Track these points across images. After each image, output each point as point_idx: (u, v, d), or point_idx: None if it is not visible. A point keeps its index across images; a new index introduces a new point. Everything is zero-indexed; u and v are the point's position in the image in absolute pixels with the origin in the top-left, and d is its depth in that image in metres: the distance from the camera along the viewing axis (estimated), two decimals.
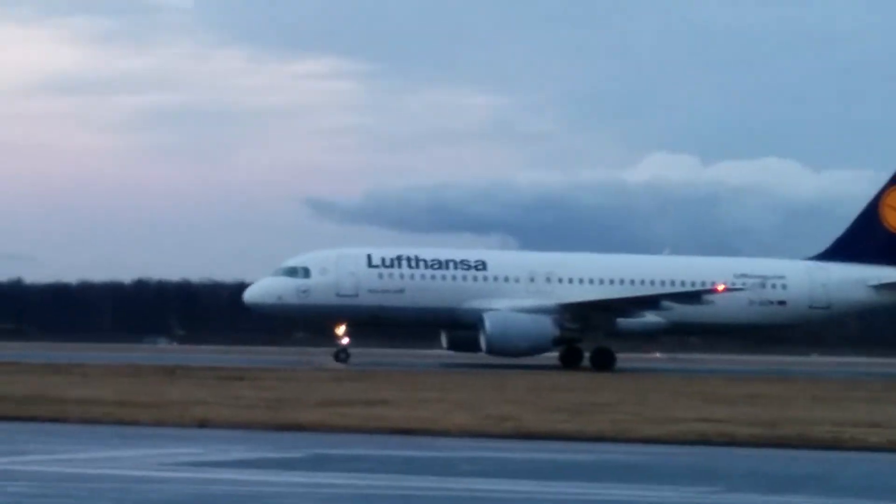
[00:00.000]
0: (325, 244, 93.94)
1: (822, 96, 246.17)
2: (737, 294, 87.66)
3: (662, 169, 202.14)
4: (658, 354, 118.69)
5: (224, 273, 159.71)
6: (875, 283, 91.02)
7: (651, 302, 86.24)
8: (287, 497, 23.30)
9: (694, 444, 34.31)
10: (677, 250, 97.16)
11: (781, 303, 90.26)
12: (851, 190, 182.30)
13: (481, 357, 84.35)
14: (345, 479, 26.05)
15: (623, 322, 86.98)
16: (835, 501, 24.33)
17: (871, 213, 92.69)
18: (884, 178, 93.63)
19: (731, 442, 34.54)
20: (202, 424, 37.22)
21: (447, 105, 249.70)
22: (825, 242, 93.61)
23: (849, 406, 47.01)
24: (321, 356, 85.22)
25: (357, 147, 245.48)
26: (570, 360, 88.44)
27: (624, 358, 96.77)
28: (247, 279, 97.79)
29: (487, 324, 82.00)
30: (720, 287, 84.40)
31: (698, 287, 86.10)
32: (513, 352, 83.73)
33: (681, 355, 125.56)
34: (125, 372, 66.07)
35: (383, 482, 25.84)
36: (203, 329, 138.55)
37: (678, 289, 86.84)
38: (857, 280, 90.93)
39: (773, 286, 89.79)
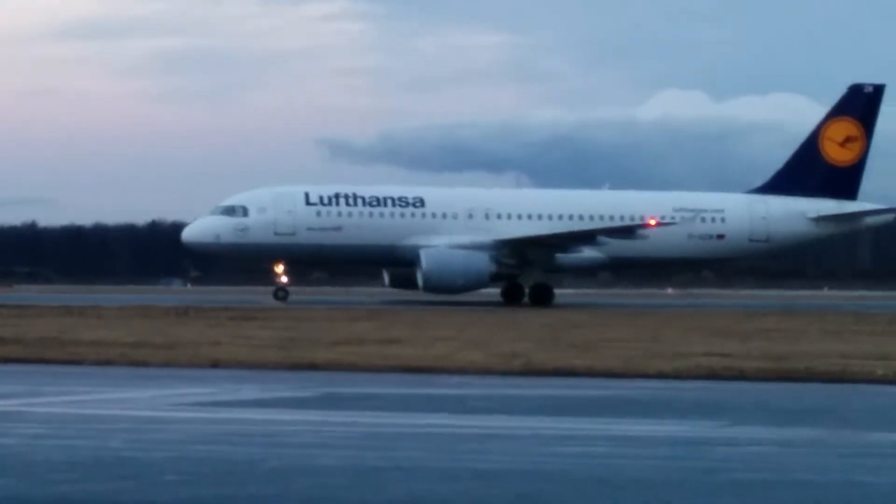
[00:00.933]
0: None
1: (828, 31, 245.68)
2: (676, 228, 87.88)
3: (673, 106, 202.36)
4: (670, 290, 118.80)
5: None
6: (814, 215, 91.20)
7: (587, 237, 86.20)
8: (300, 435, 23.52)
9: (702, 378, 34.49)
10: (690, 186, 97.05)
11: (720, 236, 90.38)
12: None
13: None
14: (358, 418, 26.25)
15: (562, 257, 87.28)
16: (841, 433, 24.50)
17: (810, 146, 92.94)
18: None
19: (740, 376, 34.70)
20: (215, 364, 37.41)
21: (460, 46, 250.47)
22: None
23: (857, 339, 47.13)
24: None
25: (371, 88, 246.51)
26: (511, 296, 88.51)
27: (637, 294, 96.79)
28: None
29: (424, 261, 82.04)
30: (652, 221, 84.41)
31: (635, 222, 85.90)
32: (449, 288, 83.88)
33: (695, 290, 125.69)
34: (139, 313, 66.35)
35: (397, 420, 26.04)
36: (217, 270, 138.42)
37: (615, 224, 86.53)
38: (796, 213, 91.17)
39: (713, 220, 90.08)
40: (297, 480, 18.27)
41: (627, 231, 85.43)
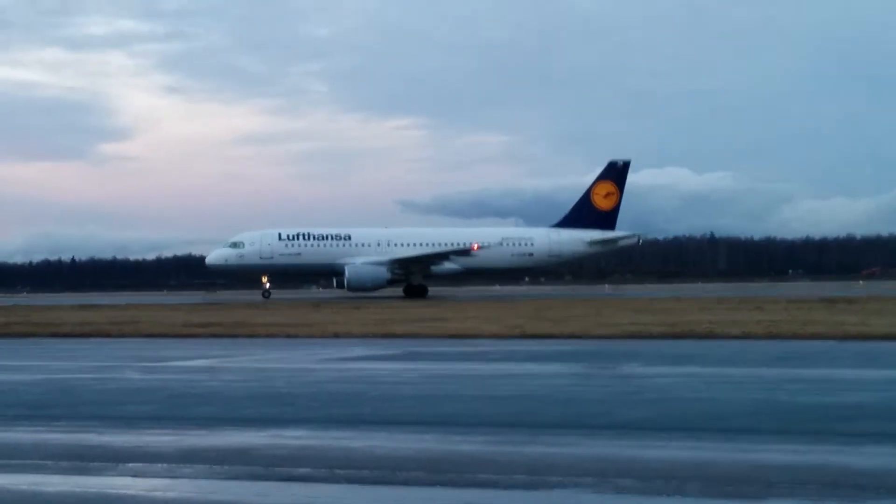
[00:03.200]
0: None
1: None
2: (504, 248, 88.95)
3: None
4: (606, 286, 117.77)
5: None
6: (589, 240, 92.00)
7: (441, 256, 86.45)
8: (391, 376, 23.80)
9: (626, 338, 34.64)
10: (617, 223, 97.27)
11: (531, 254, 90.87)
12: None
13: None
14: (425, 365, 26.60)
15: (434, 268, 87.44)
16: (711, 369, 24.65)
17: (586, 198, 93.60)
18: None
19: (649, 336, 34.85)
20: (336, 335, 37.75)
21: (478, 142, 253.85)
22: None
23: (719, 312, 47.18)
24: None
25: (427, 168, 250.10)
26: (408, 293, 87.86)
27: (590, 287, 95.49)
28: None
29: (346, 272, 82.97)
30: (475, 246, 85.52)
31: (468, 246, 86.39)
32: (362, 288, 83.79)
33: (625, 286, 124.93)
34: (291, 305, 66.65)
35: (448, 366, 26.37)
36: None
37: (457, 248, 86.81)
38: (578, 239, 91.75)
39: (526, 244, 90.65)
40: (388, 404, 18.64)
41: (464, 252, 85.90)
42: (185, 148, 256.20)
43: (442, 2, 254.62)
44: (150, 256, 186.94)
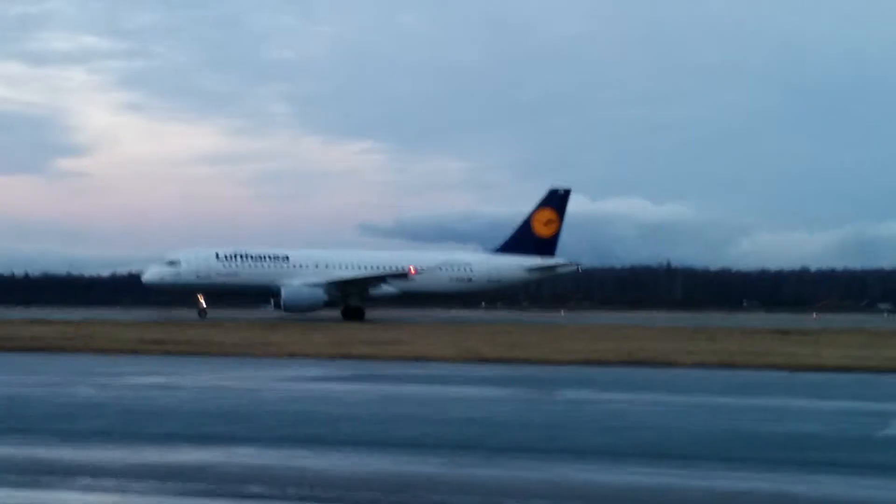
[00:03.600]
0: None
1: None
2: (443, 272, 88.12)
3: (569, 204, 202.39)
4: (562, 312, 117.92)
5: None
6: (528, 266, 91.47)
7: (379, 279, 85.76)
8: (345, 396, 23.71)
9: (583, 364, 34.68)
10: (572, 254, 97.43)
11: (470, 280, 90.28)
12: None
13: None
14: (380, 387, 26.51)
15: (372, 291, 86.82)
16: (666, 397, 24.77)
17: (526, 225, 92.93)
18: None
19: (606, 362, 34.94)
20: (292, 355, 37.57)
21: (440, 168, 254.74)
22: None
23: (674, 341, 47.37)
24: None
25: (388, 192, 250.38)
26: (346, 315, 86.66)
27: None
28: None
29: (283, 293, 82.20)
30: (412, 270, 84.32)
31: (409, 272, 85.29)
32: (298, 309, 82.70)
33: (582, 313, 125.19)
34: (247, 326, 66.33)
35: (404, 389, 26.30)
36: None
37: (394, 272, 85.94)
38: (517, 265, 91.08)
39: (465, 269, 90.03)
40: (343, 425, 18.57)
41: (401, 276, 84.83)
42: (144, 166, 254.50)
43: (408, 27, 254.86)
44: (105, 273, 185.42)
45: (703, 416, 20.61)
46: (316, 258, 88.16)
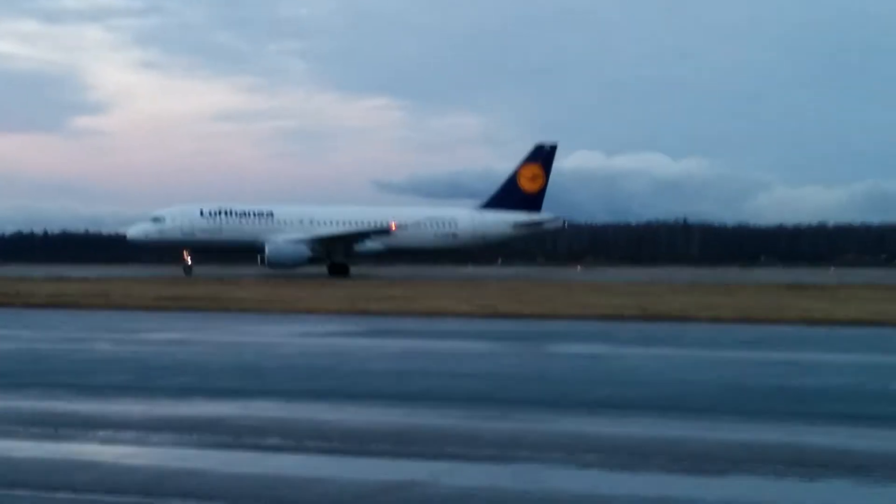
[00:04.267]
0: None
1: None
2: (427, 228, 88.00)
3: (583, 160, 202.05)
4: (578, 268, 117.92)
5: None
6: (513, 222, 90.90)
7: (362, 235, 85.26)
8: (360, 351, 23.86)
9: (598, 319, 34.77)
10: (588, 211, 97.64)
11: (455, 235, 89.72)
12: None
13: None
14: (395, 342, 26.67)
15: (356, 247, 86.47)
16: (680, 351, 24.90)
17: (512, 180, 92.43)
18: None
19: (621, 318, 35.02)
20: (309, 311, 37.75)
21: (454, 124, 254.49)
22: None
23: (690, 296, 47.41)
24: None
25: (403, 149, 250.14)
26: (332, 271, 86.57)
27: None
28: None
29: (266, 249, 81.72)
30: (393, 226, 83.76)
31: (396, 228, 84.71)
32: (282, 265, 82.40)
33: (598, 269, 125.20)
34: (263, 282, 66.57)
35: (419, 343, 26.45)
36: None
37: (376, 228, 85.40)
38: (502, 221, 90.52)
39: (450, 225, 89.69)
40: (358, 379, 18.73)
41: (383, 232, 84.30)
42: (159, 123, 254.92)
43: None
44: (123, 231, 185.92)
45: (718, 369, 20.70)
46: (301, 214, 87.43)
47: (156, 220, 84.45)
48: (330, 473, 10.64)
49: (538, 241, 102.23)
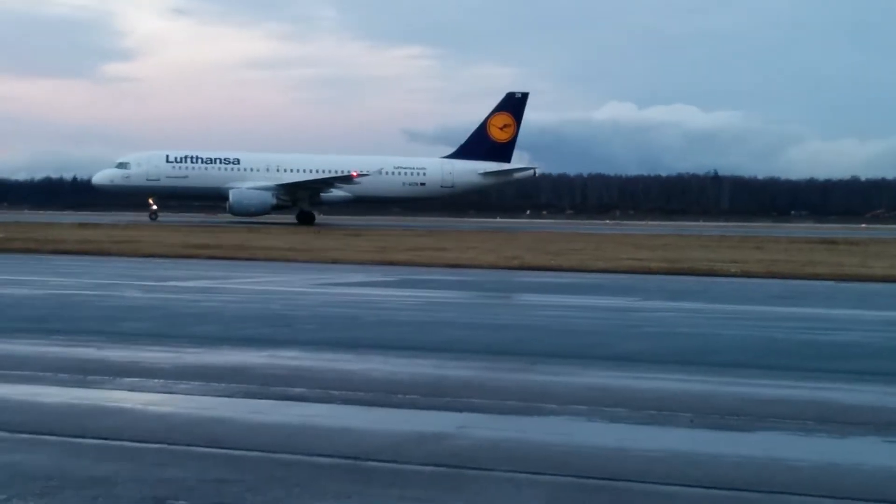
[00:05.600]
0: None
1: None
2: (395, 177, 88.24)
3: (613, 112, 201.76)
4: (607, 221, 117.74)
5: None
6: (483, 171, 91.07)
7: (325, 182, 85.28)
8: (386, 302, 23.93)
9: (626, 273, 34.77)
10: (620, 161, 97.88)
11: (422, 184, 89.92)
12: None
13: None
14: (422, 292, 26.72)
15: (323, 196, 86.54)
16: (709, 306, 24.85)
17: (482, 129, 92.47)
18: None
19: (649, 271, 35.00)
20: (335, 262, 37.87)
21: (485, 75, 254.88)
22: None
23: (719, 250, 47.30)
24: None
25: (433, 99, 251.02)
26: (301, 220, 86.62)
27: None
28: None
29: (230, 196, 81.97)
30: (354, 174, 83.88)
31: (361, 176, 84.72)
32: (245, 213, 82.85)
33: (623, 222, 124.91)
34: (290, 231, 66.76)
35: (445, 294, 26.48)
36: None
37: (339, 175, 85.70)
38: (471, 170, 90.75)
39: (418, 174, 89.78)
40: (385, 329, 18.77)
41: (346, 179, 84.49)
42: (191, 71, 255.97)
43: None
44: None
45: (746, 324, 20.64)
46: (267, 161, 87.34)
47: (121, 165, 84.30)
48: (357, 424, 10.68)
49: (568, 193, 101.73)
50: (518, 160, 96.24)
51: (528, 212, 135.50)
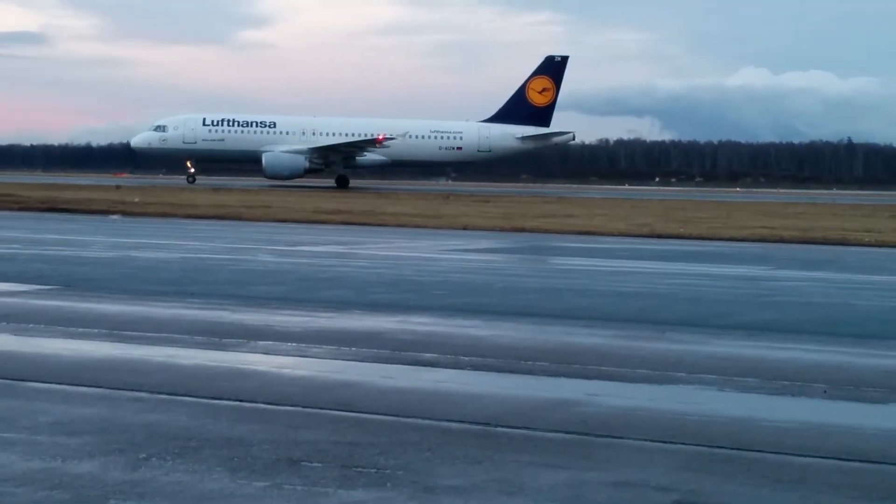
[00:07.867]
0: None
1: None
2: (431, 141, 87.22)
3: (747, 78, 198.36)
4: (738, 189, 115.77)
5: None
6: (520, 136, 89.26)
7: (355, 145, 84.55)
8: (512, 268, 23.99)
9: (757, 241, 34.26)
10: (752, 127, 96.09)
11: (459, 148, 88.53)
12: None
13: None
14: (551, 260, 26.71)
15: (359, 159, 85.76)
16: (841, 275, 24.37)
17: (520, 92, 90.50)
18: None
19: (781, 240, 34.43)
20: (465, 228, 37.97)
21: (615, 40, 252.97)
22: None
23: (852, 219, 46.33)
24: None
25: None
26: (339, 184, 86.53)
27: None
28: None
29: (264, 159, 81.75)
30: (381, 137, 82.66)
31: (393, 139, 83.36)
32: (279, 176, 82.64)
33: (754, 190, 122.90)
34: (421, 197, 67.07)
35: (574, 262, 26.42)
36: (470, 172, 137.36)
37: (367, 138, 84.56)
38: (509, 134, 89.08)
39: (454, 138, 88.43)
40: (513, 296, 18.76)
41: (372, 143, 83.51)
42: (322, 37, 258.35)
43: None
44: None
45: (881, 294, 20.18)
46: (303, 125, 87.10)
47: (158, 128, 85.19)
48: (486, 390, 10.68)
49: (697, 160, 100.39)
50: (647, 126, 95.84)
51: (657, 179, 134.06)
